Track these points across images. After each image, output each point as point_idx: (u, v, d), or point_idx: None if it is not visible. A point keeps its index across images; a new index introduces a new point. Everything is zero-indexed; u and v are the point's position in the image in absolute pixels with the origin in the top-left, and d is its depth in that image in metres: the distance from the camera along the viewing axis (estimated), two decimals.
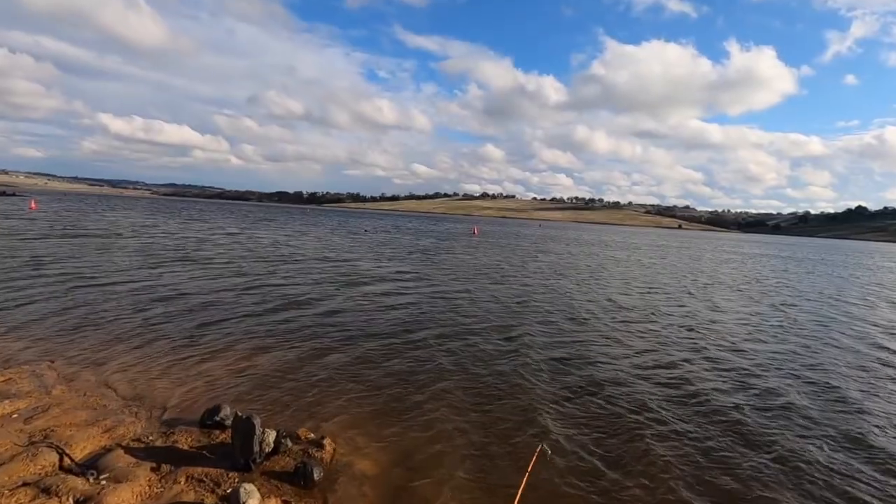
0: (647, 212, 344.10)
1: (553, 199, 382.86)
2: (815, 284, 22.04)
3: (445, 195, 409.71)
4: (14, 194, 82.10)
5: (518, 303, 12.64)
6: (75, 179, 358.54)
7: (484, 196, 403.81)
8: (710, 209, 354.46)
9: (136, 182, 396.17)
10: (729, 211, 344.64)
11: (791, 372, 7.95)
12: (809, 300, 16.68)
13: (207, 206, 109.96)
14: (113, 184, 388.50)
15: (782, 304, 15.21)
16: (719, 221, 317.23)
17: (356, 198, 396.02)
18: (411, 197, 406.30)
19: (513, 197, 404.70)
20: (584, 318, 11.17)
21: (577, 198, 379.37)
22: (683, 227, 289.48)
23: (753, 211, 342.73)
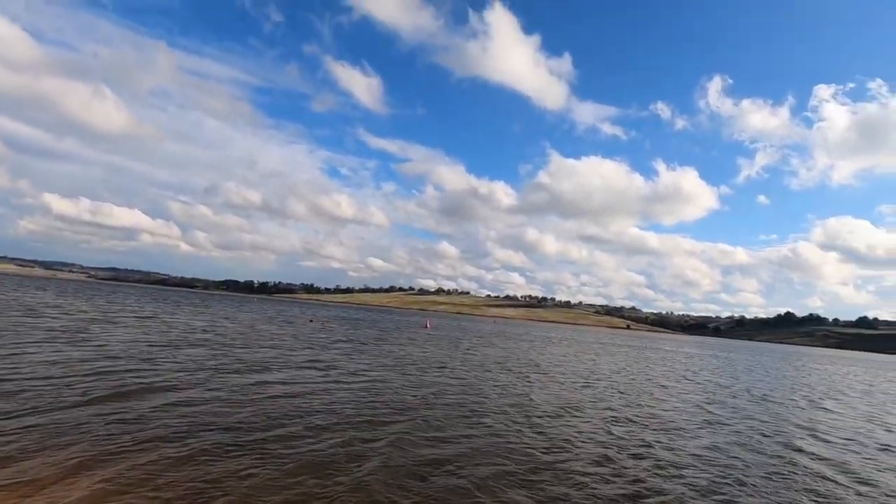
0: (597, 311, 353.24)
1: (507, 297, 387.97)
2: (751, 383, 21.97)
3: (401, 289, 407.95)
4: None
5: (420, 397, 11.47)
6: (3, 259, 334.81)
7: (439, 291, 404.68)
8: (654, 311, 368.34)
9: (73, 264, 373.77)
10: (672, 313, 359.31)
11: (692, 473, 7.12)
12: (737, 398, 16.31)
13: (141, 291, 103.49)
14: (46, 265, 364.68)
15: (709, 402, 14.70)
16: (664, 323, 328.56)
17: (310, 289, 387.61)
18: (366, 290, 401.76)
19: (468, 293, 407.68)
20: (487, 413, 10.12)
21: (530, 296, 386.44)
22: (631, 326, 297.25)
23: (694, 314, 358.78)
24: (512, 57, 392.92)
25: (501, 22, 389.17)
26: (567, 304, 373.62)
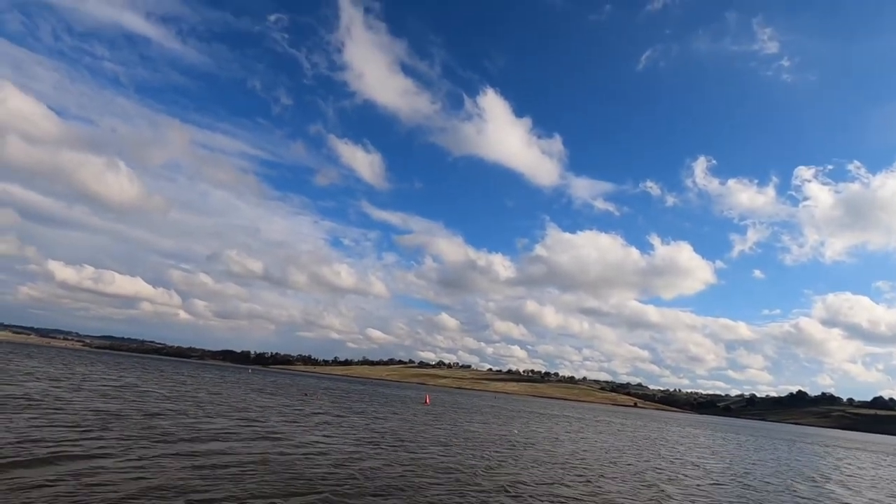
0: (602, 388, 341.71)
1: (509, 371, 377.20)
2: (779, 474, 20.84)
3: (400, 362, 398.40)
4: None
5: (350, 473, 10.96)
6: (1, 326, 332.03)
7: (440, 364, 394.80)
8: (661, 388, 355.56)
9: (69, 332, 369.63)
10: (680, 390, 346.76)
11: None
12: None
13: (131, 360, 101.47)
14: (42, 332, 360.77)
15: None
16: (672, 400, 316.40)
17: (307, 360, 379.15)
18: (365, 362, 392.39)
19: (469, 367, 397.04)
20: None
21: (532, 371, 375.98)
22: (639, 404, 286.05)
23: (703, 391, 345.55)
24: (505, 137, 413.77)
25: (494, 106, 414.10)
26: (571, 380, 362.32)
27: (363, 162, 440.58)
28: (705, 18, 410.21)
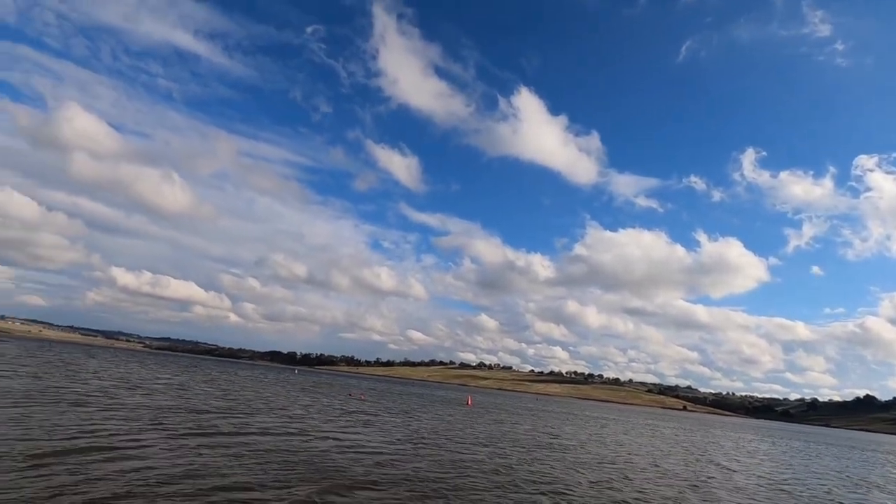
0: (650, 390, 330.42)
1: (551, 373, 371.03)
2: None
3: (441, 363, 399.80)
4: None
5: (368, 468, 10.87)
6: (71, 329, 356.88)
7: (480, 366, 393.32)
8: (713, 391, 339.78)
9: (131, 334, 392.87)
10: (733, 394, 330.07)
11: None
12: None
13: (188, 360, 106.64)
14: (108, 335, 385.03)
15: None
16: (724, 404, 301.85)
17: (350, 361, 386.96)
18: (406, 363, 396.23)
19: (510, 368, 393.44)
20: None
21: (575, 372, 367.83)
22: (688, 407, 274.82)
23: (758, 395, 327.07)
24: (541, 136, 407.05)
25: (529, 105, 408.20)
26: (616, 382, 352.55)
27: (400, 165, 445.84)
28: (748, 4, 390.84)
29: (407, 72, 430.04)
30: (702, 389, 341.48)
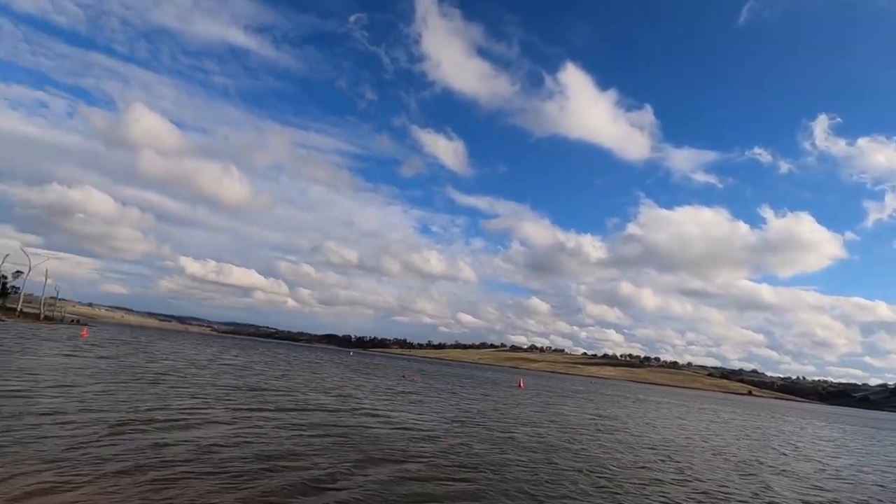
0: (711, 374, 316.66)
1: (605, 356, 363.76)
2: None
3: (492, 346, 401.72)
4: (78, 322, 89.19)
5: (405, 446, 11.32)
6: (149, 314, 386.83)
7: (532, 348, 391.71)
8: (781, 375, 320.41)
9: (201, 319, 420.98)
10: (804, 378, 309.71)
11: None
12: None
13: (249, 343, 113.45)
14: (181, 320, 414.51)
15: None
16: (794, 389, 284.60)
17: (403, 344, 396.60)
18: (457, 346, 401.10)
19: (562, 351, 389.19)
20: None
21: (630, 355, 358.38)
22: (754, 392, 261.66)
23: (833, 380, 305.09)
24: (589, 113, 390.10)
25: (576, 81, 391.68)
26: (674, 365, 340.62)
27: (446, 149, 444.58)
28: None
29: (450, 54, 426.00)
30: (769, 373, 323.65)
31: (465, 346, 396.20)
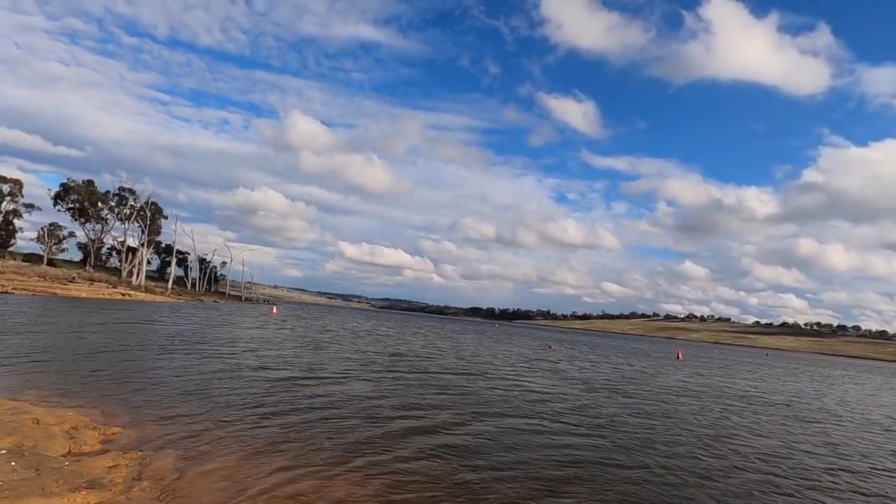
0: None
1: (783, 325, 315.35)
2: None
3: (643, 315, 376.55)
4: (268, 302, 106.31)
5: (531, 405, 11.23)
6: (319, 293, 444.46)
7: (690, 317, 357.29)
8: None
9: (360, 296, 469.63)
10: None
11: None
12: None
13: (403, 316, 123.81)
14: (344, 297, 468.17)
15: None
16: None
17: (546, 315, 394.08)
18: (604, 316, 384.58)
19: (727, 320, 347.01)
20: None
21: (818, 324, 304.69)
22: None
23: None
24: (743, 48, 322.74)
25: (724, 13, 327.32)
26: (882, 335, 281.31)
27: (576, 113, 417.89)
28: None
29: (571, 12, 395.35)
30: None
31: (612, 317, 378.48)
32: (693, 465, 7.66)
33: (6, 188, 66.56)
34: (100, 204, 72.27)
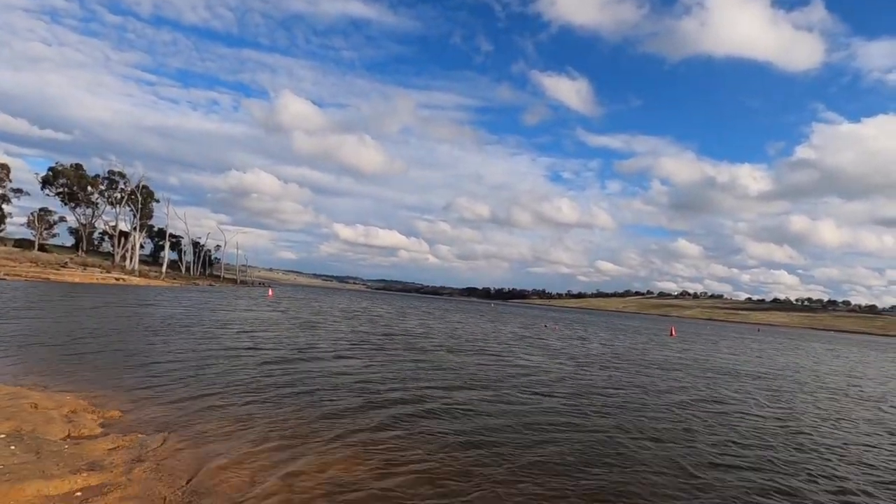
0: None
1: (775, 301, 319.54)
2: None
3: (637, 293, 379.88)
4: (264, 285, 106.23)
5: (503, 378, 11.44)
6: (314, 276, 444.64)
7: (683, 295, 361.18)
8: None
9: (356, 278, 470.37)
10: None
11: None
12: None
13: (399, 297, 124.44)
14: (340, 279, 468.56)
15: None
16: None
17: (542, 294, 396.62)
18: (599, 294, 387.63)
19: (720, 297, 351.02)
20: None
21: (809, 299, 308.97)
22: None
23: None
24: (738, 23, 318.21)
25: None
26: (871, 310, 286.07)
27: (569, 91, 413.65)
28: None
29: None
30: None
31: (607, 295, 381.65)
32: (656, 427, 7.89)
33: None
34: (89, 188, 71.47)
